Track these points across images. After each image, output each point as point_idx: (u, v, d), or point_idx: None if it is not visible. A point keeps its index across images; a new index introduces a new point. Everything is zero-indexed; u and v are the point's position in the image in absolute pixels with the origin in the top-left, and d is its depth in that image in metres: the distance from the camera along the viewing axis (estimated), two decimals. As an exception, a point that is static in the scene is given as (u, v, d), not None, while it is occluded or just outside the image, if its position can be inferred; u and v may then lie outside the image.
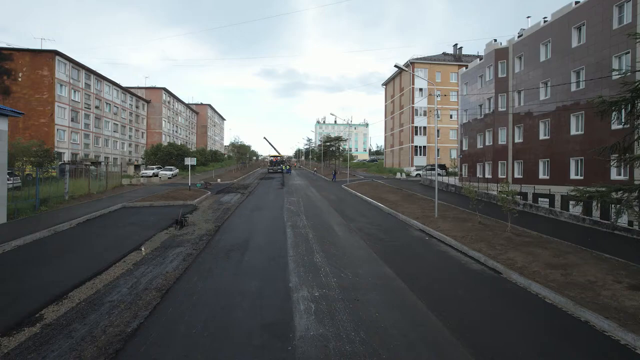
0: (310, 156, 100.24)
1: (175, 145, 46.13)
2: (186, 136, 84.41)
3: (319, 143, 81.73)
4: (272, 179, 44.82)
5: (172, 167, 40.43)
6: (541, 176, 21.61)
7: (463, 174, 31.90)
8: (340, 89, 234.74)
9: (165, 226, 13.65)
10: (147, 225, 13.90)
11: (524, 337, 5.46)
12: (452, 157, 48.48)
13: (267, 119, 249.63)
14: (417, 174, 40.83)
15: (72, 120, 38.22)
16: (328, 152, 61.88)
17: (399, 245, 11.31)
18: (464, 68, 33.16)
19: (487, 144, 27.60)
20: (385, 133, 61.29)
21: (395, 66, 14.79)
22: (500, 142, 25.96)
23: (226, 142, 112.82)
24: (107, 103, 46.78)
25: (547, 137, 21.41)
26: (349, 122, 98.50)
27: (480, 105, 29.27)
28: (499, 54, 25.69)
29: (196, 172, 47.93)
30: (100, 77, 44.71)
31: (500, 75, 25.76)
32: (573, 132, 19.18)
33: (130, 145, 55.46)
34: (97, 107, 43.66)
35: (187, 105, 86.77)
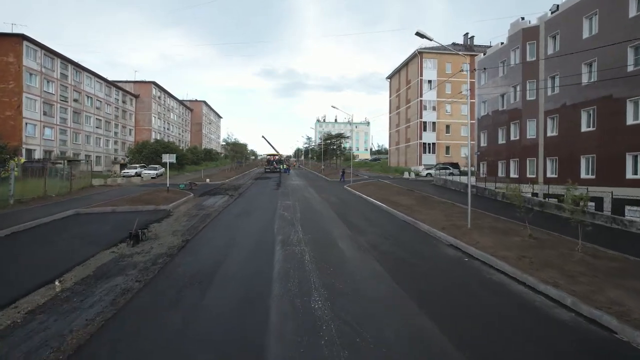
0: (310, 155, 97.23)
1: (162, 142, 43.01)
2: (179, 134, 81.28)
3: (319, 142, 78.62)
4: (269, 179, 41.69)
5: (156, 166, 37.27)
6: (583, 175, 18.43)
7: (481, 173, 28.73)
8: (340, 89, 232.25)
9: (117, 241, 10.52)
10: (93, 239, 10.78)
11: None
12: (463, 155, 45.37)
13: (267, 119, 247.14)
14: (427, 174, 37.65)
15: (45, 113, 35.03)
16: (329, 151, 58.77)
17: (432, 272, 8.15)
18: (482, 55, 30.01)
19: (512, 138, 24.44)
20: (390, 130, 58.12)
21: (417, 34, 11.57)
22: (529, 136, 22.80)
23: (223, 141, 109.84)
24: (88, 96, 43.61)
25: (591, 129, 18.25)
26: (350, 120, 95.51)
27: (503, 95, 26.10)
28: (528, 34, 22.51)
29: (186, 171, 44.82)
30: (80, 68, 41.53)
31: (528, 59, 22.59)
32: (630, 121, 15.99)
33: (116, 142, 52.31)
34: (75, 101, 40.48)
35: (181, 102, 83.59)
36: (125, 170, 36.35)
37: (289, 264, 8.32)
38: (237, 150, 62.37)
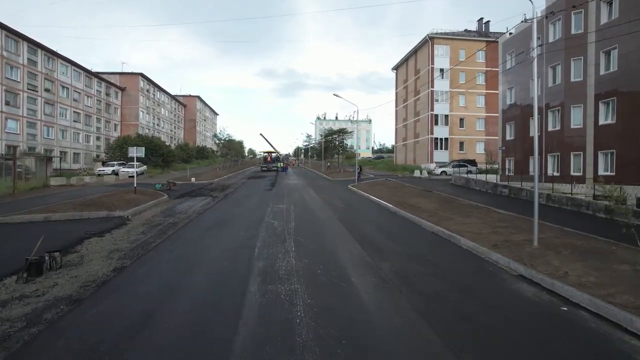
0: (309, 154, 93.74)
1: (146, 138, 39.43)
2: (171, 130, 77.75)
3: (320, 139, 75.13)
4: (263, 177, 38.20)
5: (137, 163, 33.66)
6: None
7: (508, 170, 25.14)
8: (340, 88, 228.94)
9: (9, 272, 6.96)
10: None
11: None
12: (479, 151, 41.83)
13: (266, 119, 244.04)
14: (442, 171, 34.03)
15: (7, 103, 31.39)
16: (330, 148, 55.17)
17: (515, 340, 4.54)
18: (507, 35, 26.38)
19: (549, 129, 20.84)
20: (396, 125, 54.52)
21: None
22: (573, 126, 19.19)
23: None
24: (63, 86, 40.00)
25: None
26: (353, 117, 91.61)
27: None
28: (572, 1, 18.85)
29: (173, 170, 41.28)
30: (53, 54, 37.91)
31: (574, 32, 18.98)
32: None
33: (98, 138, 48.74)
34: (47, 91, 36.87)
35: (173, 97, 79.99)
36: (102, 168, 32.82)
37: (267, 330, 4.73)
38: (231, 148, 58.80)
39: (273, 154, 60.96)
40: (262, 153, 65.81)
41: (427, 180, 30.24)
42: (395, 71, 54.72)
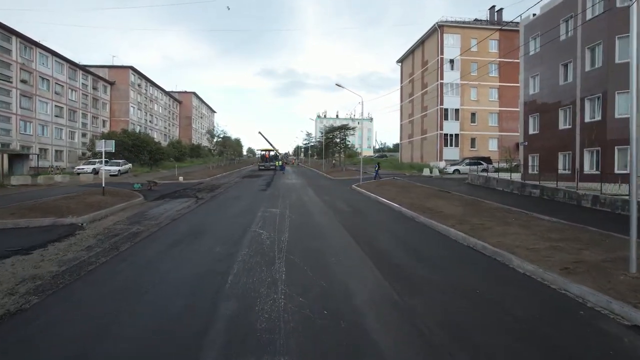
0: (309, 152, 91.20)
1: (132, 134, 36.88)
2: (165, 128, 75.29)
3: (320, 137, 72.58)
4: (259, 177, 35.72)
5: (120, 161, 31.17)
6: None
7: (532, 168, 22.58)
8: (341, 87, 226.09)
9: None
10: None
11: None
12: (492, 148, 39.31)
13: (267, 119, 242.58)
14: (455, 170, 31.44)
15: (-25, 95, 28.95)
16: (331, 146, 52.60)
17: None
18: (531, 16, 23.79)
19: (586, 120, 18.28)
20: (401, 121, 51.96)
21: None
22: (617, 115, 16.63)
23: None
24: (43, 78, 37.46)
25: None
26: (352, 116, 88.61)
27: (566, 64, 19.94)
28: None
29: (162, 168, 38.74)
30: (31, 43, 35.35)
31: (619, 4, 16.41)
32: None
33: (84, 135, 46.23)
34: (24, 82, 34.34)
35: (167, 93, 77.53)
36: (81, 166, 30.30)
37: None
38: (226, 145, 56.28)
39: (271, 152, 58.44)
40: (260, 152, 63.11)
41: (439, 179, 27.67)
42: (400, 64, 52.13)
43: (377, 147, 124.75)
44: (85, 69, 46.89)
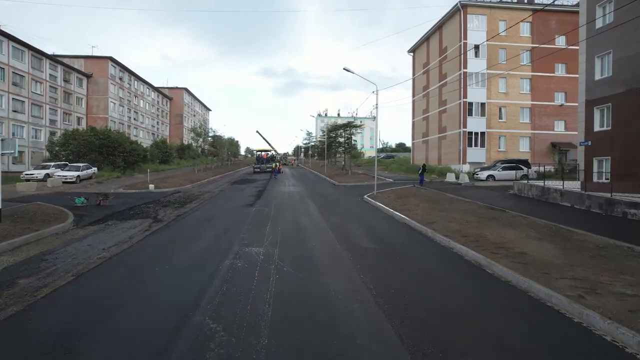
0: (310, 152, 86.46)
1: (101, 131, 31.82)
2: (153, 126, 70.32)
3: (321, 137, 67.60)
4: (251, 182, 30.79)
5: (80, 165, 26.16)
6: None
7: (599, 175, 17.57)
8: (341, 87, 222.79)
9: None
10: None
11: None
12: (522, 149, 34.30)
13: (266, 119, 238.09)
14: (488, 176, 26.36)
15: None
16: (334, 145, 47.67)
17: None
18: (596, -22, 18.75)
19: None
20: (414, 118, 46.96)
21: None
22: None
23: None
24: (-2, 67, 32.55)
25: None
26: (354, 115, 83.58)
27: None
28: None
29: (138, 172, 33.74)
30: (-18, 25, 30.44)
31: None
32: None
33: (53, 134, 41.26)
34: (-30, 70, 29.44)
35: (156, 89, 72.55)
36: (30, 172, 25.36)
37: None
38: (216, 145, 51.34)
39: (269, 153, 53.50)
40: (256, 152, 57.87)
41: (471, 188, 22.62)
42: (412, 54, 47.14)
43: (380, 146, 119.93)
44: (54, 58, 41.94)
